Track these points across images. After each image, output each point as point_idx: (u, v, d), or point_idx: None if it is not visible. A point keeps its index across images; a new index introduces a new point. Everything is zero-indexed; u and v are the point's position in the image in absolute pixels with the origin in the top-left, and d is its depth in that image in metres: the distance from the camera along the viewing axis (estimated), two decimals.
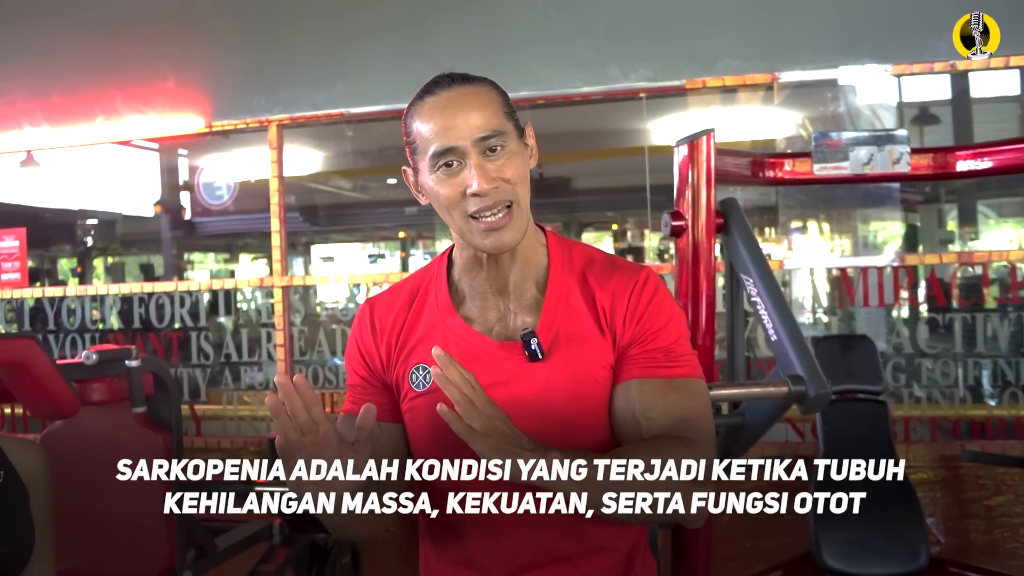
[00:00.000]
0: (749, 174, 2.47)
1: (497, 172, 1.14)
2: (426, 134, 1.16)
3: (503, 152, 1.15)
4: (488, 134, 1.14)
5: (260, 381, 4.04)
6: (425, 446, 1.21)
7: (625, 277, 1.22)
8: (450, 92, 1.16)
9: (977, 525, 3.11)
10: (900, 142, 2.45)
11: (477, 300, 1.24)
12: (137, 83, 3.95)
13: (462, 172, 1.14)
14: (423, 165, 1.18)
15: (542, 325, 1.20)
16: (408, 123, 1.20)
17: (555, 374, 1.17)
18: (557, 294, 1.22)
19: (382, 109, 3.75)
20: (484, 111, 1.15)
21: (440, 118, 1.14)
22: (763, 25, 3.34)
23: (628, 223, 10.43)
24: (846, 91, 3.42)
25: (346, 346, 1.31)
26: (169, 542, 2.26)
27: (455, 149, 1.14)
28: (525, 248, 1.23)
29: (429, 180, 1.17)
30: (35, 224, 7.24)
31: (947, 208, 7.24)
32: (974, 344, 3.42)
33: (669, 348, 1.19)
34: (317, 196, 8.48)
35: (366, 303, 1.31)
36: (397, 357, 1.25)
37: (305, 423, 1.01)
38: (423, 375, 1.22)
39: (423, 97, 1.18)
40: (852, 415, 2.80)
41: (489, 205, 1.15)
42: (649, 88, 3.42)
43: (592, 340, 1.19)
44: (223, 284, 4.21)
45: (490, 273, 1.23)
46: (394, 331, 1.26)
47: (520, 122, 1.21)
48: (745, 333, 2.95)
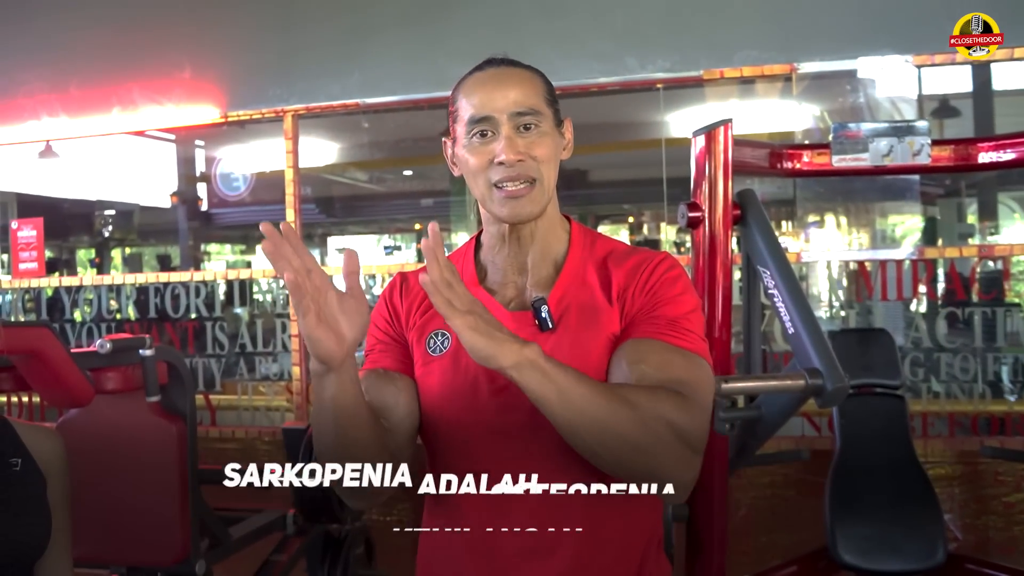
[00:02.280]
0: (767, 165, 2.44)
1: (526, 148, 1.20)
2: (467, 103, 1.22)
3: (535, 131, 1.21)
4: (523, 110, 1.20)
5: (275, 372, 4.05)
6: (436, 409, 1.24)
7: (643, 257, 1.25)
8: (497, 70, 1.23)
9: (995, 522, 3.08)
10: (920, 133, 2.42)
11: (498, 276, 1.29)
12: (154, 74, 3.97)
13: (493, 143, 1.20)
14: (460, 132, 1.24)
15: (553, 296, 1.23)
16: (455, 94, 1.26)
17: (562, 344, 1.19)
18: (573, 272, 1.26)
19: (398, 100, 3.74)
20: (524, 90, 1.21)
21: (482, 90, 1.22)
22: (782, 15, 3.31)
23: (644, 215, 10.40)
24: (866, 83, 3.38)
25: (374, 309, 1.33)
26: (183, 531, 2.26)
27: (490, 119, 1.20)
28: (546, 231, 1.27)
29: (463, 148, 1.23)
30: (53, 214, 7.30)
31: (967, 201, 7.17)
32: (994, 339, 3.38)
33: (675, 320, 1.17)
34: (333, 187, 8.50)
35: (399, 273, 1.37)
36: (419, 319, 1.29)
37: (300, 266, 1.00)
38: (441, 340, 1.26)
39: (473, 72, 1.26)
40: (869, 409, 2.78)
41: (512, 176, 1.20)
42: (666, 79, 3.39)
43: (602, 314, 1.21)
44: (238, 274, 4.22)
45: (511, 250, 1.27)
46: (421, 296, 1.30)
47: (561, 114, 1.27)
48: (762, 326, 2.93)
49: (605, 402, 1.04)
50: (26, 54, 4.16)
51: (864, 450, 2.72)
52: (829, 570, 2.62)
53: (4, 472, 1.45)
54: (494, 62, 1.25)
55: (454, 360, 1.23)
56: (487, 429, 1.20)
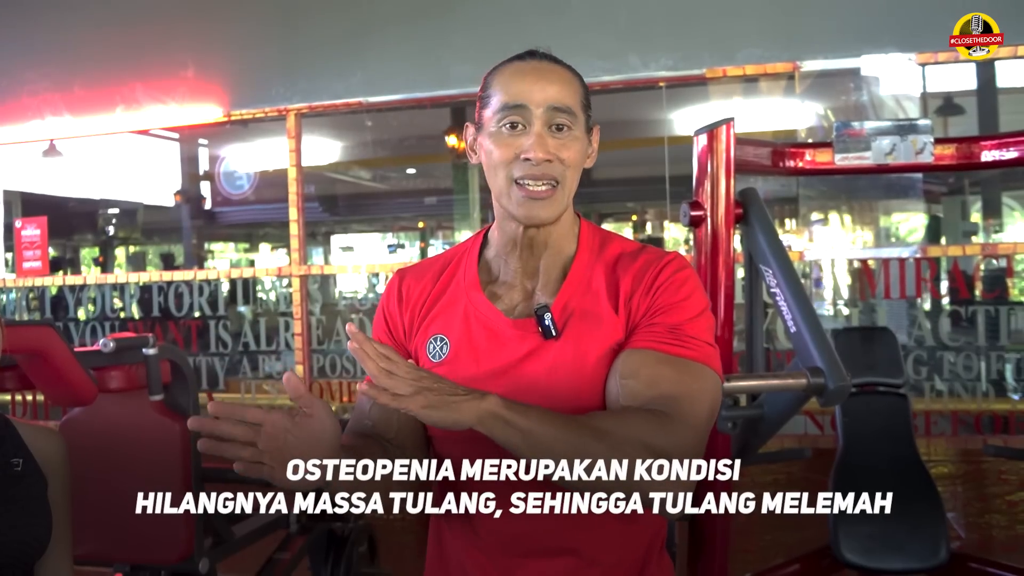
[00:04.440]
0: (769, 164, 2.44)
1: (556, 149, 1.16)
2: (502, 89, 1.18)
3: (568, 134, 1.17)
4: (560, 106, 1.16)
5: (278, 370, 4.06)
6: None
7: (650, 258, 1.21)
8: (539, 63, 1.20)
9: (999, 520, 3.08)
10: (923, 132, 2.42)
11: (507, 277, 1.25)
12: (157, 73, 3.98)
13: (522, 137, 1.16)
14: (488, 119, 1.19)
15: (558, 303, 1.20)
16: (488, 78, 1.22)
17: (564, 352, 1.17)
18: (578, 276, 1.22)
19: (401, 98, 3.75)
20: (564, 88, 1.18)
21: (521, 80, 1.18)
22: (785, 13, 3.31)
23: (648, 214, 10.40)
24: (869, 81, 3.38)
25: (375, 314, 1.33)
26: (186, 529, 2.27)
27: (525, 108, 1.16)
28: (559, 237, 1.24)
29: (488, 137, 1.19)
30: (57, 213, 7.32)
31: (971, 200, 7.16)
32: (997, 337, 3.37)
33: (677, 326, 1.14)
34: (337, 186, 8.52)
35: (397, 273, 1.33)
36: (419, 327, 1.26)
37: (245, 434, 0.97)
38: (439, 346, 1.23)
39: (512, 60, 1.21)
40: (872, 408, 2.77)
41: (536, 175, 1.16)
42: (669, 77, 3.39)
43: (606, 321, 1.18)
44: (241, 273, 4.23)
45: (523, 255, 1.24)
46: (419, 301, 1.27)
47: (591, 122, 1.23)
48: (764, 325, 2.93)
49: (574, 437, 1.02)
50: (30, 54, 4.17)
51: (867, 449, 2.72)
52: (832, 568, 2.61)
53: (5, 472, 1.46)
54: (536, 55, 1.21)
55: (453, 366, 1.20)
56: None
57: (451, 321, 1.23)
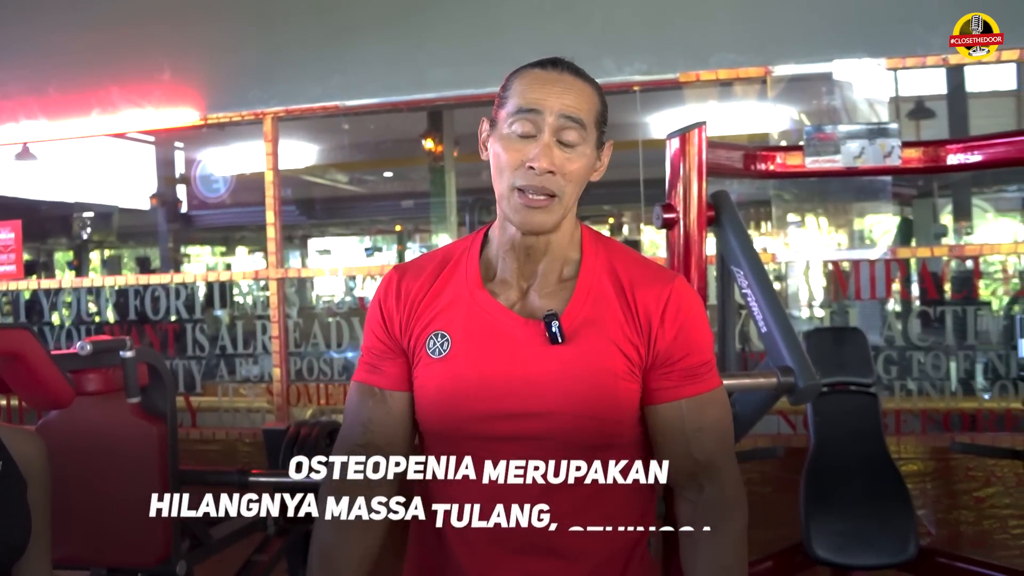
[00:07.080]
0: (741, 167, 2.47)
1: (561, 162, 1.18)
2: (519, 92, 1.20)
3: (576, 151, 1.20)
4: (572, 116, 1.19)
5: (256, 373, 4.05)
6: (431, 412, 1.24)
7: (659, 284, 1.24)
8: (561, 74, 1.21)
9: (967, 516, 3.13)
10: (892, 135, 2.46)
11: (505, 276, 1.27)
12: (133, 76, 3.95)
13: (531, 144, 1.18)
14: (502, 119, 1.21)
15: (568, 312, 1.22)
16: (510, 79, 1.24)
17: (572, 358, 1.19)
18: (587, 286, 1.24)
19: (378, 102, 3.75)
20: (581, 101, 1.20)
21: (540, 87, 1.19)
22: (757, 18, 3.35)
23: (625, 216, 10.45)
24: (841, 85, 3.42)
25: (368, 308, 1.34)
26: (164, 532, 2.27)
27: (539, 112, 1.18)
28: (559, 243, 1.26)
29: (498, 138, 1.21)
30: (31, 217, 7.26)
31: (941, 202, 7.27)
32: (965, 337, 3.44)
33: (695, 366, 1.24)
34: (314, 189, 8.51)
35: (395, 268, 1.34)
36: (417, 323, 1.27)
37: None
38: (440, 342, 1.24)
39: (535, 67, 1.23)
40: (843, 407, 2.81)
41: (536, 186, 1.18)
42: (643, 81, 3.42)
43: (617, 335, 1.21)
44: (218, 276, 4.22)
45: (520, 256, 1.26)
46: (418, 297, 1.28)
47: (604, 139, 1.26)
48: (738, 326, 2.97)
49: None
50: (4, 56, 4.14)
51: (838, 447, 2.76)
52: (804, 565, 2.65)
53: None
54: (560, 64, 1.22)
55: (453, 363, 1.22)
56: (484, 434, 1.21)
57: (453, 318, 1.25)
